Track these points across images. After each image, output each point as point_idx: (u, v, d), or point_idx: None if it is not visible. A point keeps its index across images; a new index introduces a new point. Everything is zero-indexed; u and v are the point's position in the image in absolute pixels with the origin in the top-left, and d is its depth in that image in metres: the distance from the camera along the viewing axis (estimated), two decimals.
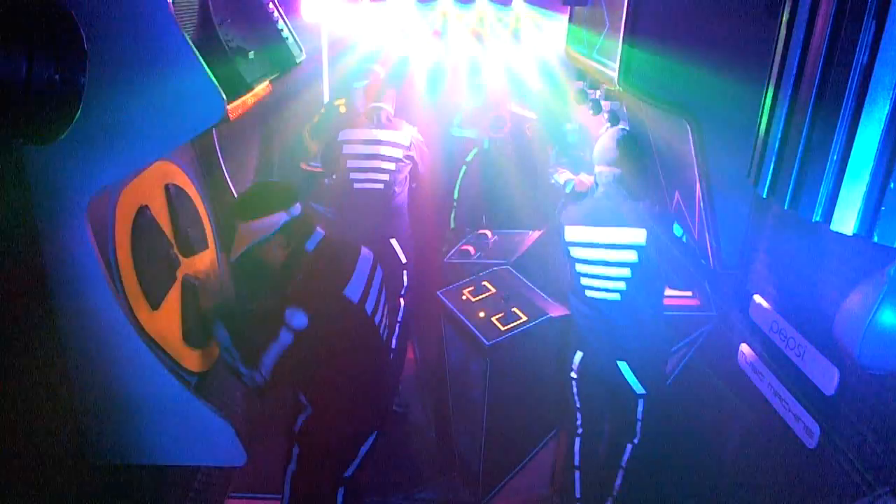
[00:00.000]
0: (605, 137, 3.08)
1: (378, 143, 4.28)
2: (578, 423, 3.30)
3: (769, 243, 2.70)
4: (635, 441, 3.16)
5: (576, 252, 3.06)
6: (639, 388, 3.06)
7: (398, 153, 4.30)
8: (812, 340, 2.29)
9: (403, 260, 4.45)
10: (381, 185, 4.31)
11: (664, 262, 2.94)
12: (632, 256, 2.91)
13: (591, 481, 3.35)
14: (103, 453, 2.25)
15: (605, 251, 2.96)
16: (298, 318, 2.30)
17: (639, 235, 2.89)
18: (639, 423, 3.13)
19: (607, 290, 3.00)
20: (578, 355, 3.18)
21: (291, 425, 2.64)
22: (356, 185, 4.30)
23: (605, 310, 3.04)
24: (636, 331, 3.03)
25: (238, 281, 3.03)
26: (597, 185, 3.10)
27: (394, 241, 4.41)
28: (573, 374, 3.22)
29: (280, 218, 2.41)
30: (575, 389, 3.25)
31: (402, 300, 4.48)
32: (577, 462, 3.33)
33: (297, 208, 2.46)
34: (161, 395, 2.19)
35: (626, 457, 3.20)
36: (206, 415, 2.23)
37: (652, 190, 3.38)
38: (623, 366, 3.04)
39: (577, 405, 3.28)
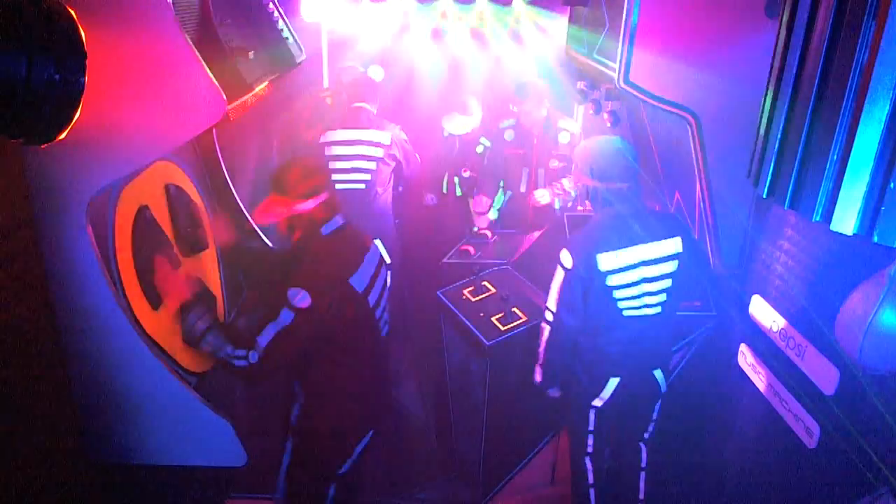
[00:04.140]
0: (596, 151, 2.82)
1: (358, 143, 4.26)
2: (590, 443, 3.13)
3: (769, 243, 2.69)
4: (646, 437, 3.13)
5: (615, 279, 2.76)
6: (664, 388, 3.02)
7: (379, 152, 4.27)
8: (812, 340, 2.29)
9: (388, 261, 4.45)
10: (362, 186, 4.29)
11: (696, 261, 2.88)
12: (672, 267, 2.80)
13: (604, 477, 3.32)
14: (103, 453, 2.25)
15: (647, 268, 2.79)
16: (302, 298, 2.33)
17: (676, 244, 2.79)
18: (653, 423, 3.10)
19: (649, 307, 2.85)
20: (612, 382, 2.94)
21: (287, 416, 2.65)
22: (338, 186, 4.28)
23: (646, 326, 2.87)
24: (670, 335, 2.99)
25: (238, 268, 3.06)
26: (595, 201, 2.86)
27: (378, 242, 4.40)
28: (597, 403, 2.99)
29: (306, 206, 2.45)
30: (593, 416, 3.05)
31: None
32: (590, 450, 3.20)
33: (322, 196, 2.49)
34: (161, 395, 2.19)
35: (643, 459, 3.16)
36: (206, 415, 2.24)
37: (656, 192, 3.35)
38: (658, 373, 2.97)
39: (591, 428, 3.09)
